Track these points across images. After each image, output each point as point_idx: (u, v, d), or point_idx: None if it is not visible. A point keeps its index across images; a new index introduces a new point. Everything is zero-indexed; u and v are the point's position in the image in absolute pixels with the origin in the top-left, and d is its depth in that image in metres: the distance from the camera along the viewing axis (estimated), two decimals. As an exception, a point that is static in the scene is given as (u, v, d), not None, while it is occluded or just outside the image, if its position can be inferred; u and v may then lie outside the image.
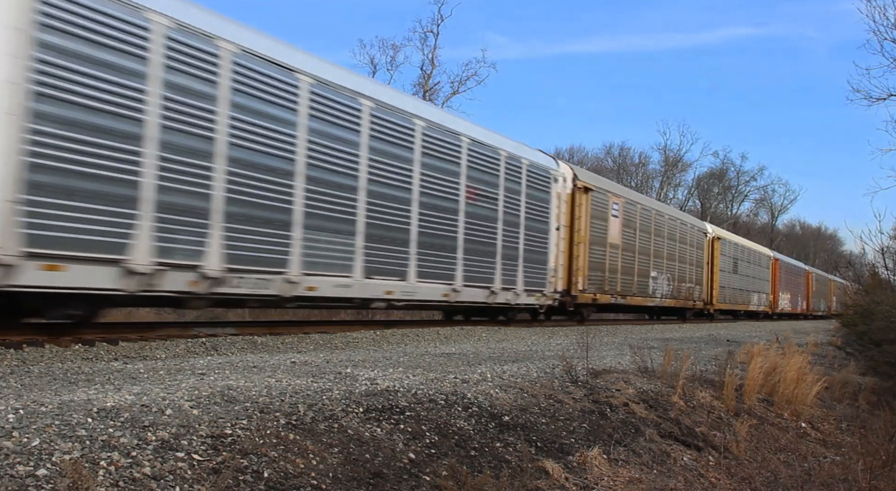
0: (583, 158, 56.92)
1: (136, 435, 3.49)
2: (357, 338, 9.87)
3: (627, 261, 20.42)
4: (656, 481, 5.18)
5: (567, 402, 6.07)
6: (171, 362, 6.31)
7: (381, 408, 4.74)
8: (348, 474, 3.87)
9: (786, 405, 8.61)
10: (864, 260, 27.95)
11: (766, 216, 72.56)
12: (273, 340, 8.77)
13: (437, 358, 7.62)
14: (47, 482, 2.93)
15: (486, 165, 13.85)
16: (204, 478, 3.34)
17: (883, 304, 13.24)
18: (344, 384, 5.21)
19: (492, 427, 5.11)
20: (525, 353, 8.89)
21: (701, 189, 63.92)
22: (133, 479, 3.15)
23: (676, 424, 6.58)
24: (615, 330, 16.56)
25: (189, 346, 7.74)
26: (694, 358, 9.50)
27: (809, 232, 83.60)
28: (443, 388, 5.49)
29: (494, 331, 13.04)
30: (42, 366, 5.80)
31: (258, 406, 4.27)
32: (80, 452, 3.22)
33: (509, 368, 6.95)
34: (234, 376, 5.31)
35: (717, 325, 24.58)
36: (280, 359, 6.78)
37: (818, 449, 7.77)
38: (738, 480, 5.79)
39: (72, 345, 7.18)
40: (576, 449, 5.29)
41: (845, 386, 11.13)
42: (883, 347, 12.12)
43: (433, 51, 33.94)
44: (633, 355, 8.37)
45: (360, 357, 7.31)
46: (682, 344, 12.16)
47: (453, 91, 34.45)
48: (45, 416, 3.62)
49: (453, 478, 4.16)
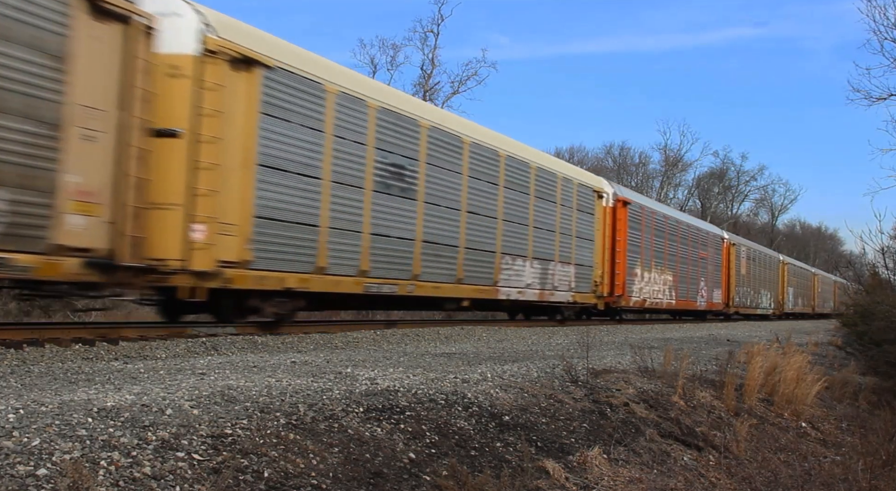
0: (583, 158, 56.95)
1: (136, 435, 3.49)
2: (357, 338, 9.87)
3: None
4: (656, 481, 5.18)
5: (567, 401, 6.07)
6: (172, 362, 6.31)
7: (381, 408, 4.74)
8: (348, 474, 3.87)
9: (786, 405, 8.61)
10: (864, 260, 27.99)
11: (767, 216, 72.62)
12: (273, 340, 8.77)
13: (437, 358, 7.62)
14: (47, 482, 2.93)
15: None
16: (204, 478, 3.34)
17: (883, 304, 13.24)
18: (344, 384, 5.21)
19: (492, 427, 5.11)
20: (525, 352, 8.89)
21: (701, 189, 63.93)
22: (133, 478, 3.15)
23: (677, 423, 6.58)
24: (615, 330, 16.56)
25: (189, 346, 7.74)
26: (694, 358, 9.50)
27: (809, 232, 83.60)
28: (443, 387, 5.49)
29: (494, 331, 13.04)
30: (42, 365, 5.80)
31: (258, 406, 4.27)
32: (80, 451, 3.22)
33: (509, 367, 6.95)
34: (234, 376, 5.31)
35: (718, 324, 24.59)
36: (280, 359, 6.78)
37: (818, 449, 7.77)
38: (739, 480, 5.79)
39: (72, 345, 7.18)
40: (576, 449, 5.29)
41: (845, 386, 11.13)
42: (883, 346, 12.12)
43: (433, 51, 33.95)
44: (634, 355, 8.36)
45: (361, 357, 7.31)
46: (682, 344, 12.15)
47: (453, 91, 34.46)
48: (46, 415, 3.62)
49: (453, 478, 4.16)
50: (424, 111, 13.41)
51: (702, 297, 25.74)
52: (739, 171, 65.58)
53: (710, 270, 26.66)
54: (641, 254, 21.00)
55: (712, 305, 26.44)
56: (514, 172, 15.35)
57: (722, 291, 27.75)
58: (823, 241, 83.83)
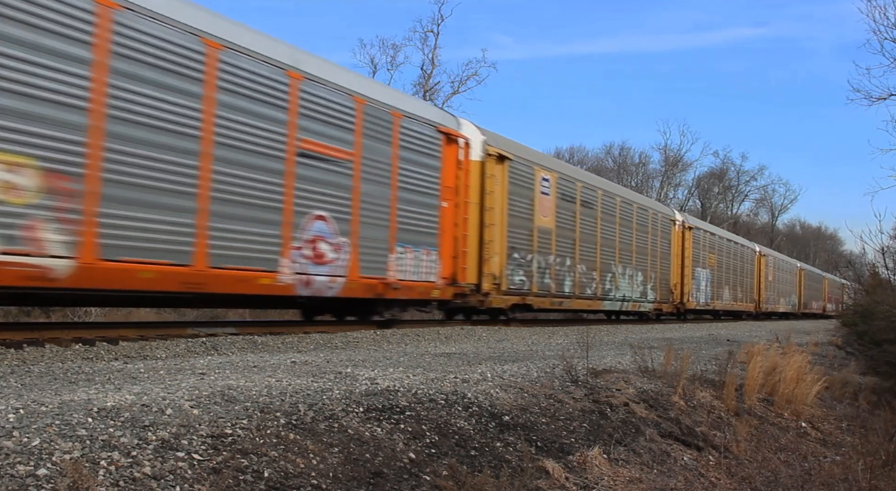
0: (583, 158, 56.96)
1: (136, 435, 3.49)
2: (357, 338, 9.87)
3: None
4: (656, 481, 5.18)
5: (567, 401, 6.07)
6: (172, 362, 6.31)
7: (381, 407, 4.74)
8: (348, 474, 3.87)
9: (786, 405, 8.61)
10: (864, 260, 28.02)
11: (767, 216, 72.61)
12: (273, 340, 8.77)
13: (437, 358, 7.61)
14: (47, 482, 2.93)
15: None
16: (204, 478, 3.34)
17: (883, 303, 13.24)
18: (344, 384, 5.21)
19: (492, 427, 5.11)
20: (525, 352, 8.89)
21: (701, 189, 63.92)
22: (133, 478, 3.15)
23: (677, 423, 6.58)
24: (616, 330, 16.56)
25: (189, 345, 7.74)
26: (694, 358, 9.50)
27: (810, 232, 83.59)
28: (443, 387, 5.49)
29: (494, 331, 13.04)
30: (42, 365, 5.79)
31: (258, 406, 4.27)
32: (80, 451, 3.22)
33: (509, 367, 6.95)
34: (234, 376, 5.31)
35: (718, 324, 24.61)
36: (280, 358, 6.78)
37: (818, 449, 7.77)
38: (739, 480, 5.79)
39: (72, 344, 7.18)
40: (576, 449, 5.29)
41: (845, 386, 11.13)
42: (883, 346, 12.11)
43: (433, 50, 33.95)
44: (634, 355, 8.36)
45: (361, 357, 7.31)
46: (682, 344, 12.14)
47: (454, 91, 34.45)
48: (46, 415, 3.62)
49: (453, 478, 4.16)
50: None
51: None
52: (739, 171, 65.65)
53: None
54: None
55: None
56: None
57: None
58: (823, 241, 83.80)
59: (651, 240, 22.68)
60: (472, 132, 13.82)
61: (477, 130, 14.08)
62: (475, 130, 14.07)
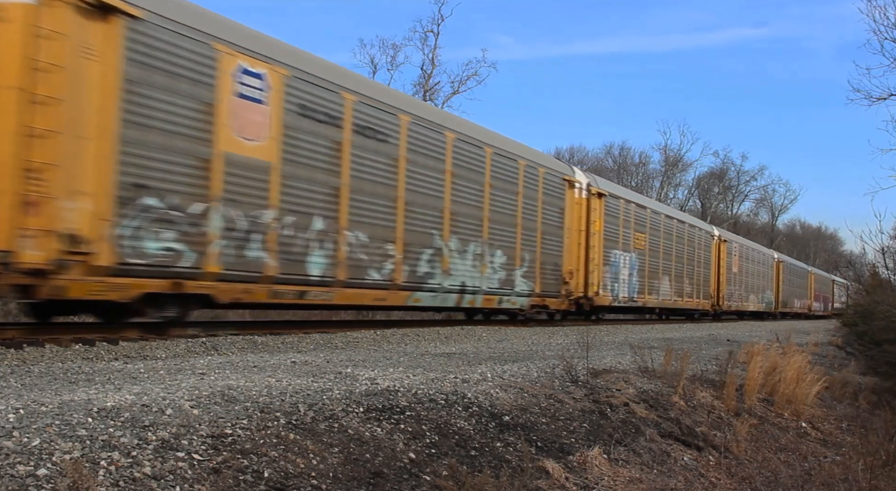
0: (583, 158, 56.96)
1: (136, 435, 3.49)
2: (357, 338, 9.87)
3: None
4: (656, 481, 5.18)
5: (567, 402, 6.07)
6: (172, 362, 6.31)
7: (381, 408, 4.74)
8: (348, 474, 3.87)
9: (786, 405, 8.61)
10: (864, 260, 28.05)
11: (767, 216, 72.60)
12: (273, 340, 8.77)
13: (437, 358, 7.61)
14: (47, 482, 2.93)
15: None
16: (204, 478, 3.34)
17: (883, 303, 13.24)
18: (344, 384, 5.21)
19: (492, 427, 5.11)
20: (525, 353, 8.89)
21: (701, 189, 63.91)
22: (133, 478, 3.15)
23: (677, 423, 6.58)
24: (616, 330, 16.56)
25: (189, 346, 7.74)
26: (694, 358, 9.50)
27: (810, 232, 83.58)
28: (443, 387, 5.49)
29: (494, 331, 13.04)
30: (42, 365, 5.79)
31: (258, 406, 4.27)
32: (80, 451, 3.22)
33: (509, 367, 6.95)
34: (234, 376, 5.31)
35: (718, 324, 24.63)
36: (280, 359, 6.78)
37: (818, 449, 7.77)
38: (739, 480, 5.79)
39: (72, 345, 7.18)
40: (576, 449, 5.29)
41: (846, 386, 11.13)
42: (883, 346, 12.11)
43: (433, 50, 33.92)
44: (634, 355, 8.36)
45: (361, 357, 7.31)
46: (682, 344, 12.15)
47: (454, 91, 34.41)
48: (46, 415, 3.62)
49: (453, 478, 4.16)
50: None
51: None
52: (739, 171, 65.65)
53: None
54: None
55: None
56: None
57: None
58: (823, 241, 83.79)
59: (524, 205, 15.54)
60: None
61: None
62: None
